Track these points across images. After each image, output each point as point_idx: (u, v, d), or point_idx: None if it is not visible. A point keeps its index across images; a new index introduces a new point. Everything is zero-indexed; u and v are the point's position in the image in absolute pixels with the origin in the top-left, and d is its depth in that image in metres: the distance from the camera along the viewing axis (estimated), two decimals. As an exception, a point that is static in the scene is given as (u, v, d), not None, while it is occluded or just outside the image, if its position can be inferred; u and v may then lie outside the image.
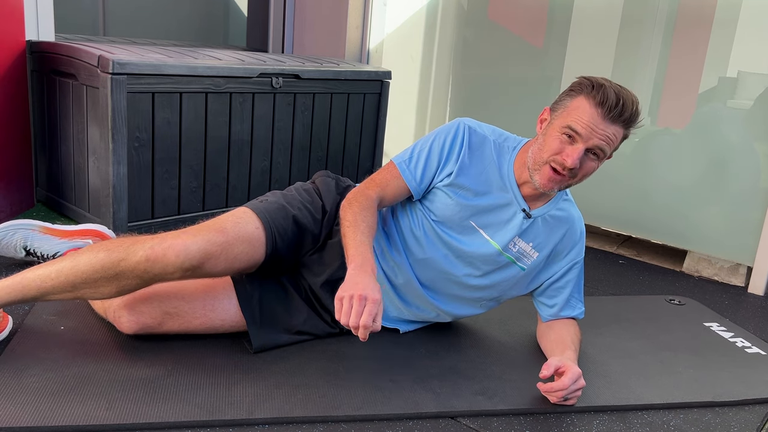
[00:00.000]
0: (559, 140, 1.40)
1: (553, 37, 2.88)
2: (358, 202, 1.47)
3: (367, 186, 1.53)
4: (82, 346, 1.42)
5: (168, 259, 1.27)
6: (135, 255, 1.27)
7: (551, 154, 1.40)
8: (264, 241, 1.43)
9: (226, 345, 1.48)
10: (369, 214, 1.45)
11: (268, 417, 1.23)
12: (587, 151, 1.39)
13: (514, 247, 1.53)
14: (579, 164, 1.39)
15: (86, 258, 1.29)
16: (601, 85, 1.38)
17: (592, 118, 1.36)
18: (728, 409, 1.45)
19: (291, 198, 1.55)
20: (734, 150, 2.42)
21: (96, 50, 2.06)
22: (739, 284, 2.40)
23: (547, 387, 1.36)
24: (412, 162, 1.54)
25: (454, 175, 1.51)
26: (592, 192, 2.62)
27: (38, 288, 1.30)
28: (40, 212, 2.37)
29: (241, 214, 1.44)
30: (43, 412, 1.17)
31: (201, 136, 2.29)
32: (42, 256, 1.78)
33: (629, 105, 1.38)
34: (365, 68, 2.90)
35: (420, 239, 1.55)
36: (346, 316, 1.23)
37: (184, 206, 2.31)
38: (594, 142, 1.37)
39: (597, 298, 2.09)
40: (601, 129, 1.37)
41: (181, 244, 1.28)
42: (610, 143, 1.39)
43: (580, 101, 1.39)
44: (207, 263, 1.31)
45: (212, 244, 1.32)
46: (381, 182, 1.53)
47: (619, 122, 1.38)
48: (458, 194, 1.52)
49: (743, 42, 2.38)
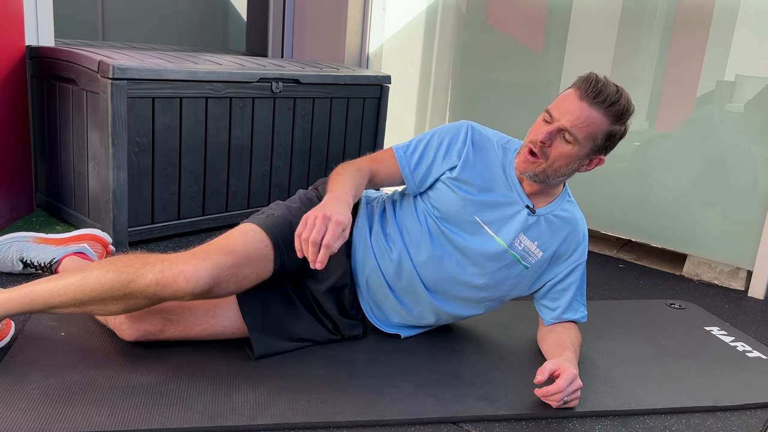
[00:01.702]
0: (539, 123, 1.46)
1: (552, 41, 2.89)
2: (351, 165, 1.54)
3: (362, 158, 1.59)
4: (83, 353, 1.42)
5: (178, 285, 1.26)
6: (144, 278, 1.26)
7: (532, 135, 1.47)
8: (272, 258, 1.42)
9: (228, 351, 1.47)
10: (358, 175, 1.51)
11: (270, 423, 1.23)
12: (560, 132, 1.41)
13: (520, 245, 1.54)
14: (549, 142, 1.42)
15: (95, 277, 1.27)
16: (590, 74, 1.42)
17: (569, 100, 1.42)
18: (730, 414, 1.45)
19: (297, 211, 1.53)
20: (733, 153, 2.42)
21: (96, 55, 2.06)
22: (739, 288, 2.41)
23: (543, 391, 1.35)
24: (410, 149, 1.58)
25: (459, 169, 1.53)
26: (592, 195, 2.63)
27: (46, 302, 1.29)
28: (40, 217, 2.37)
29: (249, 232, 1.42)
30: (44, 418, 1.17)
31: (201, 140, 2.29)
32: (40, 265, 1.77)
33: (608, 89, 1.39)
34: (365, 73, 2.90)
35: (424, 238, 1.55)
36: (308, 231, 1.23)
37: (184, 211, 2.31)
38: (564, 122, 1.40)
39: (597, 303, 2.09)
40: (575, 110, 1.39)
41: (191, 270, 1.26)
42: (582, 126, 1.39)
43: (568, 90, 1.45)
44: (217, 287, 1.30)
45: (223, 268, 1.30)
46: (377, 158, 1.60)
47: (596, 105, 1.39)
48: (463, 189, 1.53)
49: (740, 46, 2.39)
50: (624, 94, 1.42)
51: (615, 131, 1.43)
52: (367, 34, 3.37)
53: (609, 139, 1.44)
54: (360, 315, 1.63)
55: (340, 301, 1.58)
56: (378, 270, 1.56)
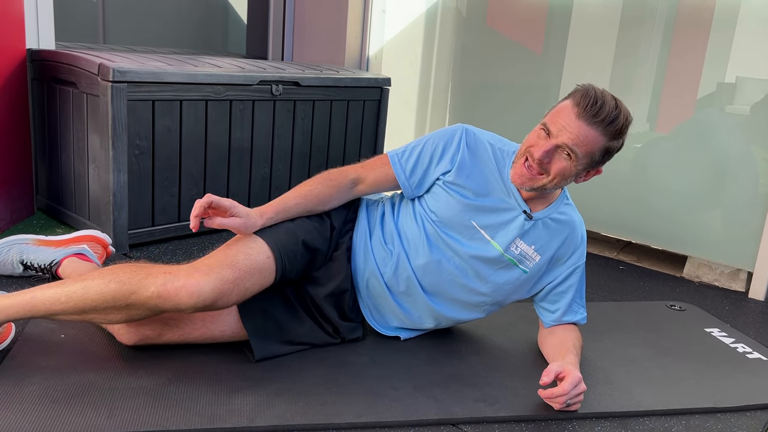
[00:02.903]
0: (537, 135, 1.44)
1: (552, 44, 2.89)
2: (327, 173, 1.58)
3: (350, 166, 1.61)
4: (82, 355, 1.42)
5: (180, 299, 1.26)
6: (147, 290, 1.26)
7: (527, 146, 1.45)
8: (274, 269, 1.42)
9: (227, 353, 1.48)
10: (324, 185, 1.55)
11: (269, 425, 1.23)
12: (559, 149, 1.40)
13: (516, 249, 1.54)
14: (548, 159, 1.41)
15: (97, 286, 1.27)
16: (588, 89, 1.40)
17: (567, 117, 1.39)
18: (730, 416, 1.45)
19: (299, 220, 1.53)
20: (734, 155, 2.42)
21: (96, 58, 2.06)
22: (740, 289, 2.40)
23: (548, 393, 1.35)
24: (405, 155, 1.59)
25: (454, 173, 1.53)
26: (592, 197, 2.63)
27: (47, 309, 1.29)
28: (40, 220, 2.37)
29: (251, 244, 1.41)
30: (44, 420, 1.17)
31: (201, 143, 2.29)
32: (40, 267, 1.78)
33: (607, 108, 1.37)
34: (365, 75, 2.91)
35: (422, 242, 1.55)
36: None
37: (184, 214, 2.31)
38: (563, 140, 1.39)
39: (597, 304, 2.09)
40: (573, 128, 1.38)
41: (194, 284, 1.26)
42: (581, 144, 1.39)
43: (565, 103, 1.43)
44: (220, 301, 1.30)
45: (225, 282, 1.30)
46: (366, 165, 1.61)
47: (595, 124, 1.37)
48: (460, 193, 1.53)
49: (741, 48, 2.39)
50: (622, 109, 1.40)
51: (613, 147, 1.43)
52: (367, 37, 3.37)
53: (607, 154, 1.44)
54: (360, 318, 1.63)
55: (340, 305, 1.58)
56: (378, 273, 1.57)
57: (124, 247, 2.13)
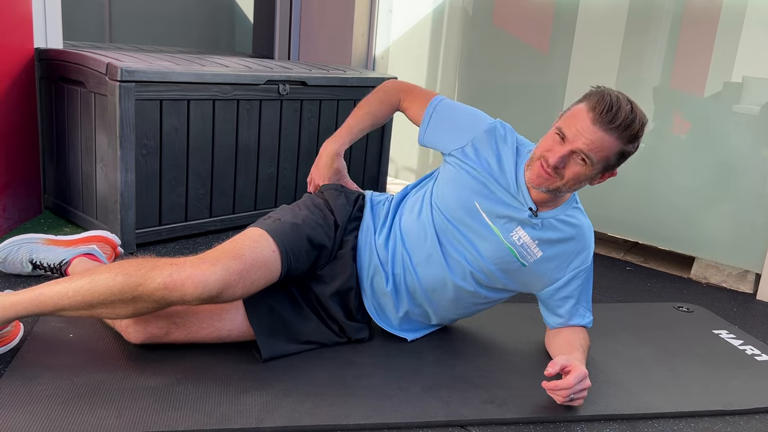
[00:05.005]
0: (552, 139, 1.44)
1: (558, 43, 2.88)
2: (383, 93, 1.74)
3: (408, 86, 1.75)
4: (91, 354, 1.42)
5: (186, 289, 1.26)
6: (153, 282, 1.26)
7: (542, 150, 1.45)
8: (280, 264, 1.42)
9: (235, 353, 1.48)
10: (381, 107, 1.73)
11: (277, 425, 1.23)
12: (574, 154, 1.40)
13: (519, 240, 1.53)
14: (563, 164, 1.41)
15: (104, 280, 1.27)
16: (603, 93, 1.39)
17: (583, 122, 1.39)
18: (739, 418, 1.45)
19: (304, 217, 1.54)
20: (741, 156, 2.41)
21: (104, 58, 2.07)
22: (748, 291, 2.39)
23: (552, 385, 1.35)
24: (440, 115, 1.66)
25: (472, 151, 1.56)
26: (599, 198, 2.62)
27: (54, 305, 1.29)
28: (48, 219, 2.38)
29: (257, 237, 1.42)
30: (53, 420, 1.17)
31: (208, 143, 2.29)
32: (49, 267, 1.78)
33: (623, 113, 1.36)
34: (371, 75, 2.90)
35: (425, 237, 1.56)
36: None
37: (191, 213, 2.31)
38: (578, 145, 1.39)
39: (605, 305, 2.09)
40: (589, 133, 1.38)
41: (200, 274, 1.27)
42: (596, 150, 1.38)
43: (580, 107, 1.42)
44: (225, 292, 1.30)
45: (231, 273, 1.30)
46: (413, 97, 1.71)
47: (611, 130, 1.37)
48: (471, 167, 1.55)
49: (748, 47, 2.38)
50: (638, 112, 1.40)
51: (628, 150, 1.43)
52: (374, 36, 3.37)
53: (622, 157, 1.44)
54: (366, 318, 1.63)
55: (346, 304, 1.59)
56: (381, 270, 1.57)
57: (132, 246, 2.13)
